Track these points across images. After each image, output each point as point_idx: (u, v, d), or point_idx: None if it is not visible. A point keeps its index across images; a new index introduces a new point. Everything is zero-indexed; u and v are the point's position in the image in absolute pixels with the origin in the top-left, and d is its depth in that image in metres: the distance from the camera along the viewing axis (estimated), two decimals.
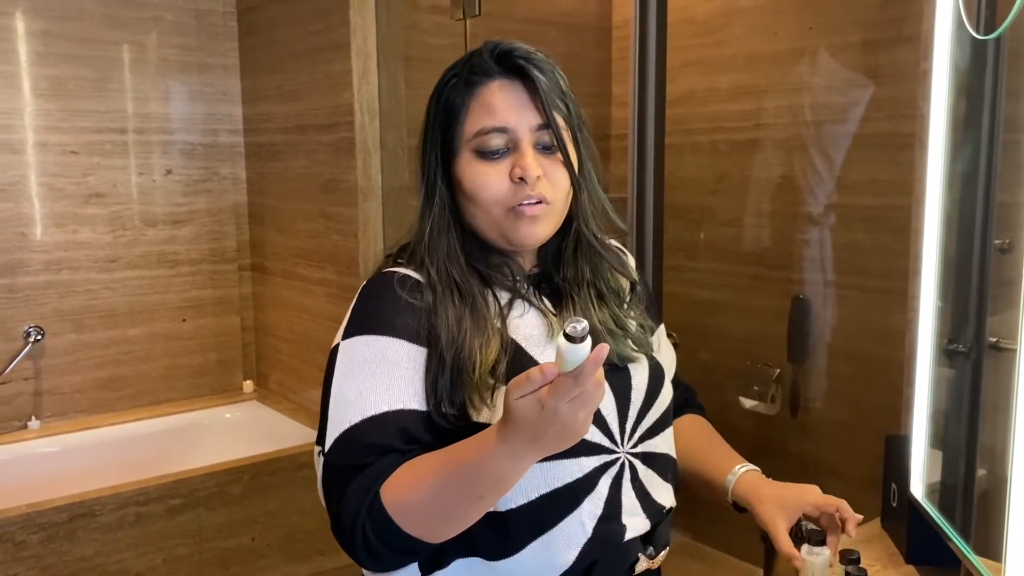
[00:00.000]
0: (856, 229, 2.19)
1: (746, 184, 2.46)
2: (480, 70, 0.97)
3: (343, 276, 2.44)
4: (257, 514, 2.24)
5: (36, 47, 2.49)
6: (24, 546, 1.91)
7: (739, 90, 2.43)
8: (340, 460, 0.89)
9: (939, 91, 1.06)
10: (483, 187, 0.95)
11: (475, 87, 0.96)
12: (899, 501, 1.21)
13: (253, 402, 2.86)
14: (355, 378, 0.92)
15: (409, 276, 0.98)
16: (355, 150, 2.30)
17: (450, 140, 0.97)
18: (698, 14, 2.50)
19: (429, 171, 0.99)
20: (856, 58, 2.16)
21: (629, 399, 1.00)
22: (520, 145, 0.95)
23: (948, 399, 1.29)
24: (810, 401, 2.33)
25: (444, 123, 0.98)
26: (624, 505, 0.98)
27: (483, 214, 0.97)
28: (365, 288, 1.00)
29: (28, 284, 2.53)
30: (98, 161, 2.61)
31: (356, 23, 2.26)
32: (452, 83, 0.98)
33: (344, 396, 0.92)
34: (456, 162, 0.97)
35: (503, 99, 0.95)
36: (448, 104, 0.98)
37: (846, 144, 2.21)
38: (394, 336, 0.93)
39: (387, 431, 0.89)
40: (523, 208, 0.95)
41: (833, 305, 2.27)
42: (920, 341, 1.18)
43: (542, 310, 1.00)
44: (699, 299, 2.58)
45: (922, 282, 1.15)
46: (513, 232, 0.97)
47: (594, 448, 0.96)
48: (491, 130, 0.95)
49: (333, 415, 0.92)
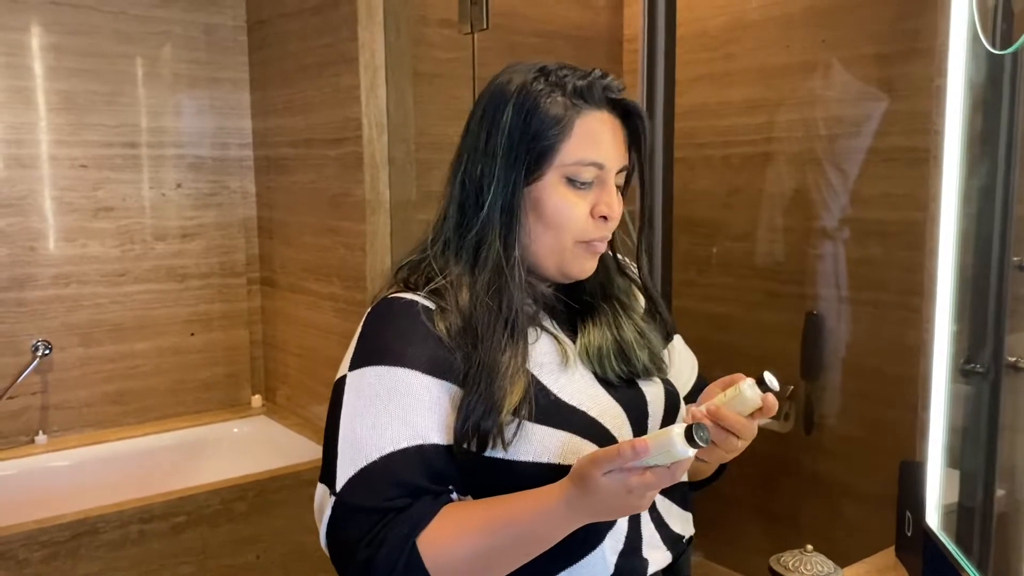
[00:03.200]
0: (871, 244, 2.16)
1: (758, 198, 2.43)
2: (590, 96, 0.93)
3: (350, 291, 2.43)
4: (262, 532, 2.21)
5: (47, 61, 2.50)
6: (26, 564, 1.90)
7: (751, 103, 2.41)
8: (358, 501, 0.85)
9: (954, 106, 1.03)
10: (568, 217, 0.92)
11: (582, 112, 0.92)
12: (914, 530, 1.17)
13: (261, 417, 2.84)
14: (368, 412, 0.87)
15: (423, 303, 0.92)
16: (363, 164, 2.28)
17: (539, 157, 0.92)
18: (710, 27, 2.48)
19: (504, 186, 0.92)
20: (870, 71, 2.13)
21: (645, 427, 0.97)
22: (607, 184, 0.94)
23: (965, 420, 1.26)
24: (824, 419, 2.29)
25: (535, 138, 0.91)
26: (644, 538, 0.95)
27: (553, 242, 0.93)
28: (374, 314, 0.94)
29: (36, 298, 2.52)
30: (107, 175, 2.61)
31: (364, 37, 2.25)
32: (547, 97, 0.92)
33: (356, 432, 0.87)
34: (538, 182, 0.92)
35: (608, 134, 0.93)
36: (543, 118, 0.91)
37: (860, 158, 2.18)
38: (408, 367, 0.88)
39: (412, 468, 0.85)
40: (595, 244, 0.94)
41: (847, 321, 2.24)
42: (935, 364, 1.14)
43: (555, 336, 0.97)
44: (711, 314, 2.55)
45: (937, 302, 1.12)
46: (573, 265, 0.95)
47: None
48: (592, 163, 0.92)
49: (344, 452, 0.87)
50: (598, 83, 0.93)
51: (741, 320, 2.48)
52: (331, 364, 2.59)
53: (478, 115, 0.95)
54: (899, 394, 1.95)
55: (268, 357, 2.92)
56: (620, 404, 0.95)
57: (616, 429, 0.93)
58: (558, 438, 0.89)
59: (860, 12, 2.13)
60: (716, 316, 2.54)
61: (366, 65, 2.26)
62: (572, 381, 0.94)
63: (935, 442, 1.15)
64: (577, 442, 0.90)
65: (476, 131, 0.95)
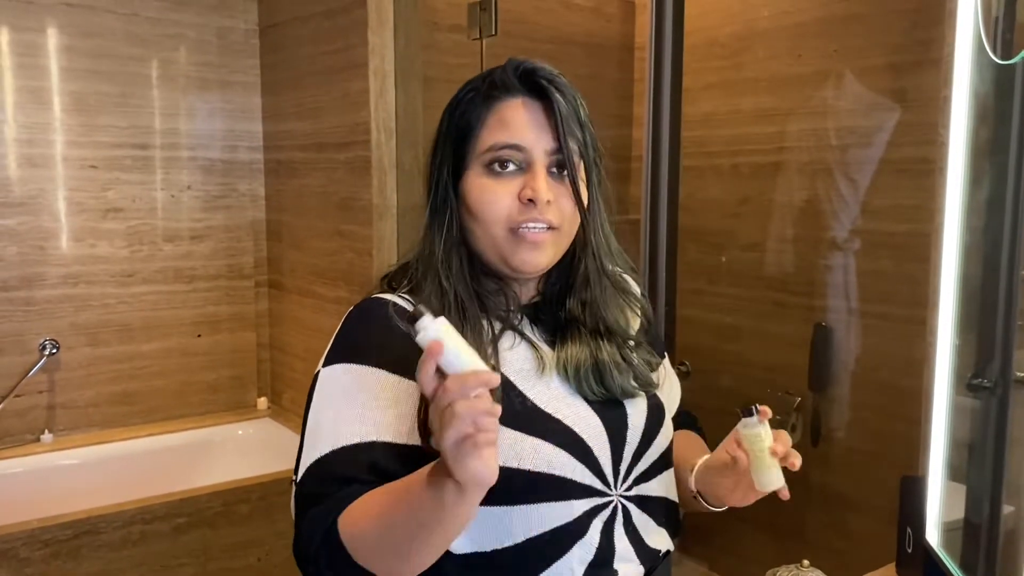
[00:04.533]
0: (881, 256, 2.14)
1: (768, 208, 2.41)
2: (501, 85, 0.94)
3: (356, 295, 2.40)
4: (264, 534, 2.21)
5: (60, 62, 2.52)
6: (28, 563, 1.90)
7: (762, 113, 2.40)
8: (307, 490, 0.87)
9: (959, 117, 1.02)
10: (488, 203, 0.92)
11: (494, 102, 0.94)
12: (914, 547, 1.15)
13: (267, 419, 2.84)
14: (330, 408, 0.90)
15: (398, 302, 0.95)
16: (371, 169, 2.29)
17: (462, 154, 0.94)
18: (720, 36, 2.47)
19: (438, 186, 0.96)
20: (882, 81, 2.11)
21: (624, 439, 0.96)
22: (533, 166, 0.92)
23: (972, 435, 1.24)
24: (832, 431, 2.27)
25: (458, 136, 0.95)
26: (617, 550, 0.94)
27: (484, 233, 0.93)
28: (351, 314, 0.97)
29: (45, 297, 2.53)
30: (117, 176, 2.62)
31: (374, 43, 2.26)
32: (469, 96, 0.96)
33: (319, 425, 0.90)
34: (465, 177, 0.94)
35: (522, 117, 0.93)
36: (464, 117, 0.95)
37: (872, 169, 2.16)
38: (375, 366, 0.90)
39: (355, 463, 0.86)
40: (526, 232, 0.92)
41: (856, 333, 2.22)
42: (937, 377, 1.13)
43: (533, 343, 0.96)
44: (719, 324, 2.53)
45: (940, 314, 1.10)
46: (512, 256, 0.93)
47: (585, 490, 0.91)
48: (505, 146, 0.92)
49: (307, 444, 0.90)
50: (510, 70, 0.94)
51: (749, 330, 2.47)
52: None
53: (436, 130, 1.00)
54: (907, 407, 1.92)
55: (275, 360, 2.92)
56: (599, 416, 0.94)
57: (593, 439, 0.92)
58: (530, 443, 0.88)
59: (872, 22, 2.11)
60: (724, 326, 2.52)
61: (376, 70, 2.27)
62: (548, 389, 0.93)
63: (936, 457, 1.14)
64: (549, 449, 0.89)
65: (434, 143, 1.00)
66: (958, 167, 1.06)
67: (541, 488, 0.89)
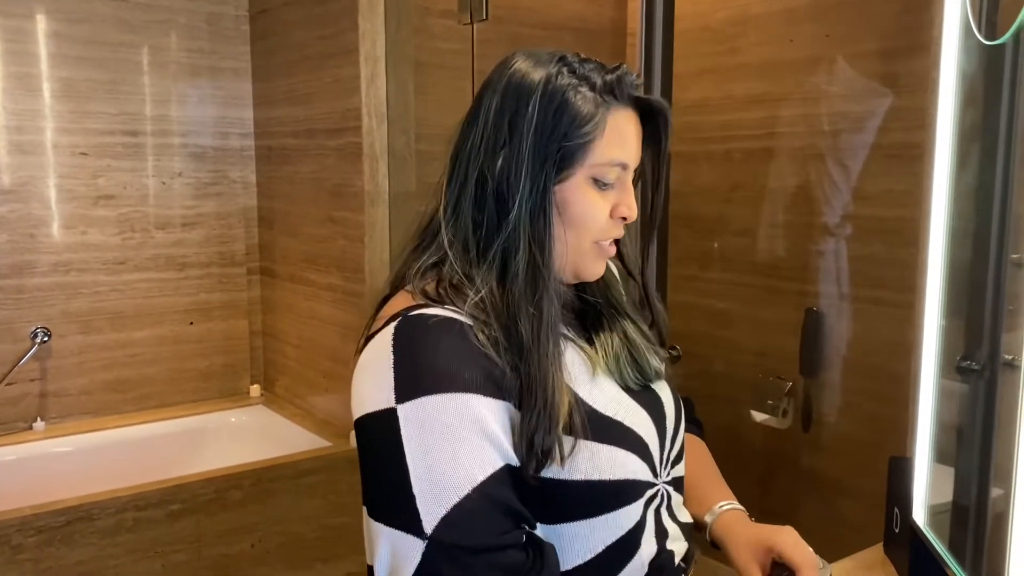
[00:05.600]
0: (872, 241, 2.15)
1: (761, 194, 2.42)
2: (620, 93, 0.89)
3: (349, 282, 2.42)
4: (258, 520, 2.21)
5: (48, 49, 2.50)
6: (21, 549, 1.90)
7: (754, 98, 2.40)
8: (463, 541, 0.78)
9: (946, 99, 1.02)
10: (593, 218, 0.89)
11: (611, 109, 0.88)
12: (901, 527, 1.16)
13: (260, 407, 2.84)
14: (443, 446, 0.79)
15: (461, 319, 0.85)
16: (362, 155, 2.28)
17: (568, 155, 0.87)
18: (712, 21, 2.47)
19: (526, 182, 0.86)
20: (874, 66, 2.11)
21: (665, 428, 0.96)
22: (627, 184, 0.91)
23: (961, 418, 1.25)
24: (823, 416, 2.28)
25: (566, 135, 0.86)
26: (669, 533, 0.96)
27: (573, 243, 0.90)
28: (408, 336, 0.84)
29: (36, 285, 2.53)
30: (108, 163, 2.61)
31: (365, 28, 2.25)
32: (576, 88, 0.87)
33: (433, 468, 0.79)
34: (566, 182, 0.88)
35: (634, 135, 0.90)
36: (575, 115, 0.86)
37: (864, 154, 2.16)
38: (470, 391, 0.81)
39: (508, 490, 0.81)
40: (606, 246, 0.92)
41: (848, 318, 2.23)
42: (924, 361, 1.13)
43: (578, 345, 0.94)
44: (711, 310, 2.54)
45: (926, 299, 1.11)
46: (589, 267, 0.93)
47: (645, 486, 0.92)
48: (619, 164, 0.89)
49: (425, 491, 0.79)
50: (626, 79, 0.89)
51: (741, 316, 2.47)
52: (330, 355, 2.60)
53: (493, 106, 0.88)
54: (898, 392, 1.93)
55: (267, 347, 2.92)
56: (644, 408, 0.94)
57: (647, 435, 0.93)
58: (605, 453, 0.87)
59: (864, 7, 2.11)
60: (717, 312, 2.53)
61: (366, 55, 2.26)
62: (602, 391, 0.91)
63: (923, 437, 1.14)
64: (622, 455, 0.88)
65: (494, 125, 0.88)
66: (945, 149, 1.06)
67: (620, 495, 0.88)
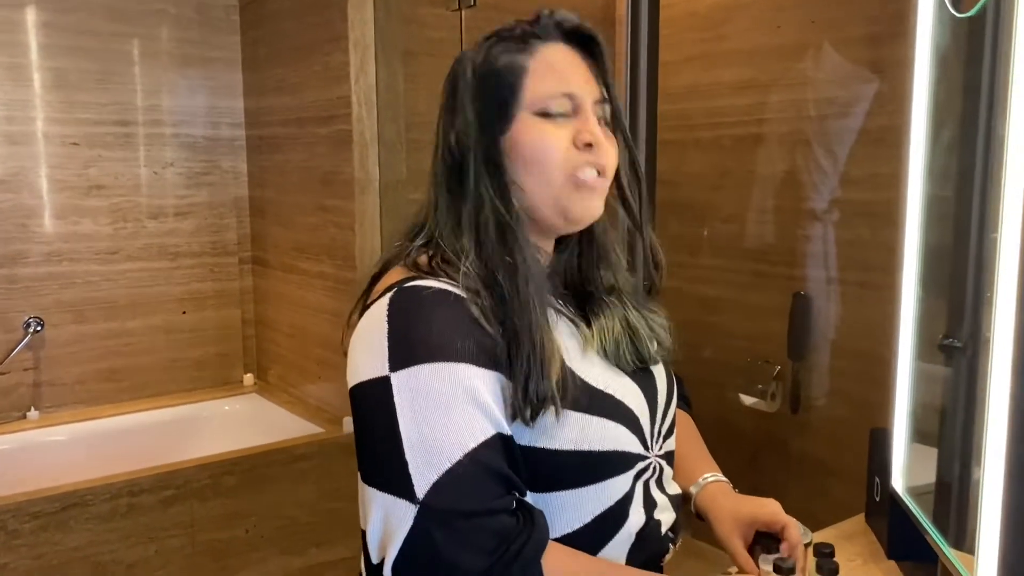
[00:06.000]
0: (858, 225, 2.17)
1: (749, 180, 2.43)
2: (542, 32, 0.90)
3: (340, 270, 2.44)
4: (252, 506, 2.23)
5: (39, 39, 2.50)
6: (17, 535, 1.92)
7: (742, 84, 2.41)
8: (453, 505, 0.80)
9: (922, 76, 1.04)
10: (548, 147, 0.88)
11: (536, 47, 0.90)
12: (882, 496, 1.18)
13: (253, 395, 2.86)
14: (435, 413, 0.81)
15: (454, 290, 0.86)
16: (352, 143, 2.29)
17: (506, 106, 0.88)
18: (700, 8, 2.48)
19: (474, 142, 0.89)
20: (860, 52, 2.13)
21: (656, 403, 0.98)
22: (584, 111, 0.89)
23: (944, 396, 1.27)
24: (811, 399, 2.30)
25: (495, 88, 0.89)
26: (658, 504, 0.98)
27: (542, 184, 0.89)
28: (402, 307, 0.85)
29: (28, 275, 2.53)
30: (100, 153, 2.62)
31: (354, 16, 2.26)
32: (498, 47, 0.90)
33: (425, 435, 0.81)
34: (512, 127, 0.89)
35: (569, 65, 0.90)
36: (499, 66, 0.89)
37: (850, 139, 2.18)
38: (463, 361, 0.82)
39: (499, 457, 0.83)
40: (585, 178, 0.89)
41: (835, 302, 2.25)
42: (902, 335, 1.16)
43: (572, 320, 0.95)
44: (701, 296, 2.56)
45: (904, 275, 1.13)
46: (574, 205, 0.90)
47: (637, 459, 0.94)
48: (558, 94, 0.88)
49: (417, 457, 0.80)
50: (546, 19, 0.91)
51: (731, 301, 2.49)
52: (322, 343, 2.62)
53: (446, 94, 0.93)
54: (885, 373, 1.95)
55: (260, 336, 2.93)
56: (635, 383, 0.96)
57: (638, 409, 0.94)
58: (596, 424, 0.88)
59: None
60: (706, 298, 2.55)
61: (356, 43, 2.27)
62: (593, 365, 0.93)
63: (900, 411, 1.17)
64: (612, 427, 0.90)
65: (446, 108, 0.93)
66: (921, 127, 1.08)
67: (609, 465, 0.90)
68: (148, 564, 2.08)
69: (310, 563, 2.33)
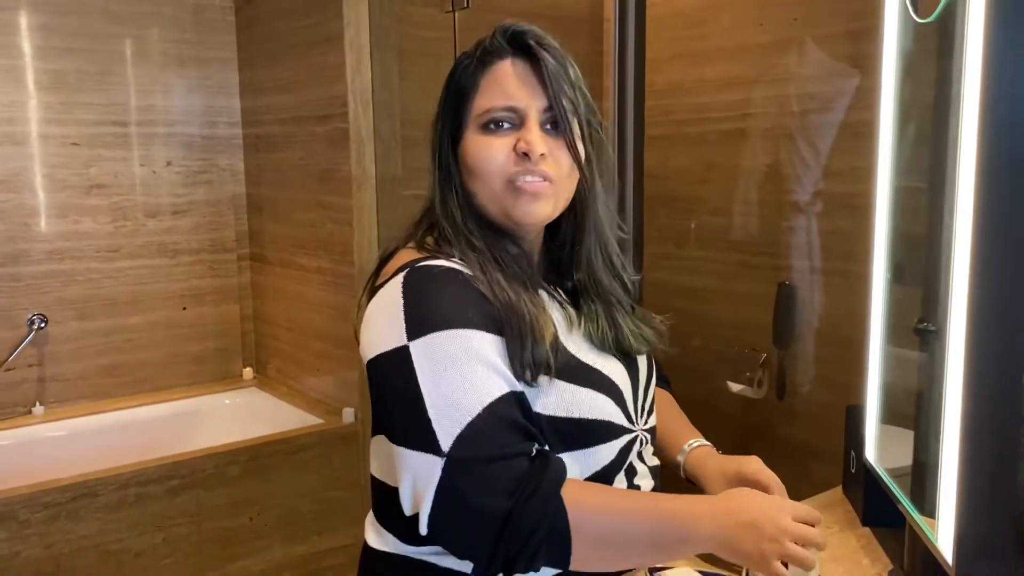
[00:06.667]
0: (841, 216, 2.23)
1: (734, 173, 2.49)
2: (493, 50, 1.00)
3: (338, 264, 2.50)
4: (256, 495, 2.29)
5: (37, 41, 2.55)
6: (28, 524, 1.97)
7: (727, 81, 2.47)
8: (475, 453, 0.87)
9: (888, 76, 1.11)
10: (484, 159, 0.98)
11: (487, 66, 1.00)
12: (857, 468, 1.26)
13: (253, 389, 2.91)
14: (453, 374, 0.89)
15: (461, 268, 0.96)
16: (349, 140, 2.35)
17: (460, 118, 1.00)
18: (685, 6, 2.54)
19: (441, 151, 1.02)
20: (841, 48, 2.19)
21: (639, 381, 1.07)
22: (527, 122, 0.98)
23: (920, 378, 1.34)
24: (796, 385, 2.37)
25: (456, 102, 1.01)
26: (638, 472, 1.06)
27: (484, 188, 0.99)
28: (415, 283, 0.95)
29: (31, 273, 2.58)
30: (99, 153, 2.67)
31: (350, 16, 2.31)
32: (464, 64, 1.02)
33: (446, 394, 0.88)
34: (463, 139, 1.00)
35: (513, 78, 0.98)
36: (460, 84, 1.01)
37: (832, 133, 2.24)
38: (474, 328, 0.92)
39: (516, 411, 0.90)
40: (524, 184, 0.98)
41: (819, 291, 2.31)
42: (872, 319, 1.23)
43: (560, 301, 1.05)
44: (689, 286, 2.62)
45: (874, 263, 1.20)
46: (513, 208, 0.99)
47: (622, 430, 1.02)
48: (498, 107, 0.98)
49: (440, 415, 0.88)
50: (499, 36, 1.00)
51: (717, 291, 2.55)
52: (321, 336, 2.68)
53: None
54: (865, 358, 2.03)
55: (259, 331, 2.99)
56: (619, 361, 1.05)
57: (623, 385, 1.03)
58: (584, 394, 0.97)
59: None
60: (694, 288, 2.61)
61: (351, 43, 2.32)
62: (580, 343, 1.02)
63: (872, 388, 1.24)
64: (600, 399, 0.98)
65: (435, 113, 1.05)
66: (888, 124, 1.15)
67: (595, 433, 0.98)
68: (156, 552, 2.14)
69: (312, 550, 2.40)
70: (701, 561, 1.14)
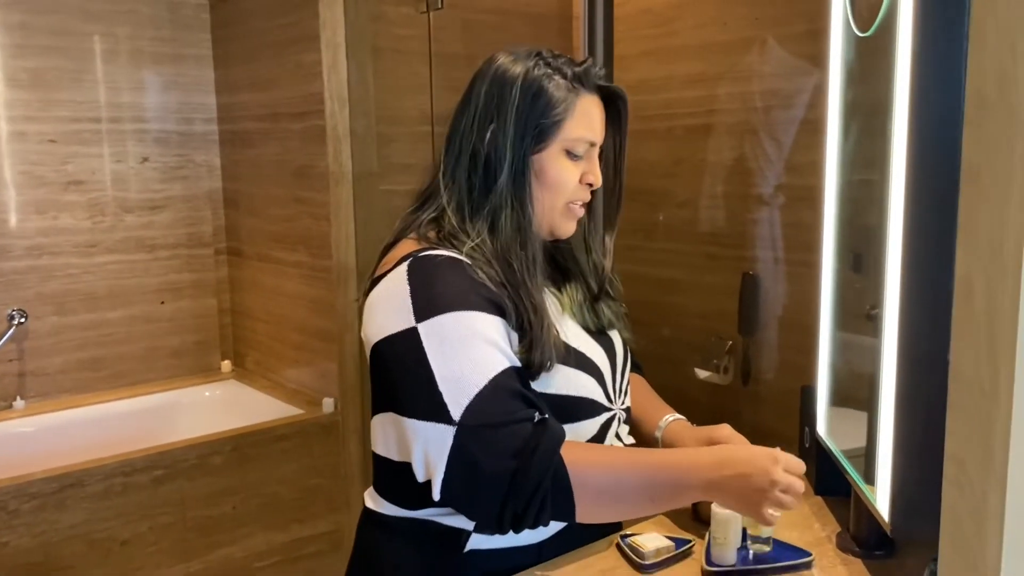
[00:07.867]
0: (801, 208, 2.31)
1: (701, 167, 2.57)
2: (587, 81, 1.11)
3: (316, 258, 2.55)
4: (237, 484, 2.35)
5: (14, 39, 2.57)
6: (16, 514, 2.02)
7: (693, 78, 2.54)
8: (484, 420, 0.97)
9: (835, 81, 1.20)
10: (566, 181, 1.11)
11: (579, 95, 1.11)
12: (810, 442, 1.35)
13: (232, 381, 2.96)
14: (461, 351, 0.99)
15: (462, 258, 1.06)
16: (326, 137, 2.40)
17: (544, 132, 1.09)
18: (653, 5, 2.61)
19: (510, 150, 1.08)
20: (801, 47, 2.27)
21: (616, 362, 1.18)
22: (594, 157, 1.13)
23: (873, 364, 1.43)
24: (761, 372, 2.45)
25: (540, 113, 1.09)
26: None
27: (549, 203, 1.11)
28: (419, 271, 1.04)
29: (11, 269, 2.61)
30: (76, 149, 2.69)
31: (325, 16, 2.36)
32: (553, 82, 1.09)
33: (454, 370, 0.98)
34: (543, 152, 1.10)
35: (599, 117, 1.13)
36: (549, 99, 1.09)
37: (794, 129, 2.32)
38: (477, 310, 1.02)
39: (518, 383, 1.00)
40: (575, 208, 1.13)
41: (782, 281, 2.39)
42: (823, 305, 1.32)
43: (551, 291, 1.16)
44: (658, 277, 2.70)
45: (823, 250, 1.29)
46: (561, 225, 1.14)
47: (602, 408, 1.13)
48: (586, 140, 1.12)
49: (450, 389, 0.98)
50: (591, 71, 1.12)
51: (685, 282, 2.63)
52: (299, 328, 2.73)
53: (482, 94, 1.11)
54: None
55: (237, 324, 3.03)
56: (601, 346, 1.16)
57: (602, 365, 1.14)
58: (571, 374, 1.08)
59: None
60: (662, 279, 2.69)
61: (327, 42, 2.37)
62: (568, 327, 1.13)
63: (823, 368, 1.33)
64: (584, 377, 1.10)
65: (484, 108, 1.10)
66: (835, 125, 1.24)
67: (581, 410, 1.10)
68: (142, 540, 2.19)
69: (293, 537, 2.46)
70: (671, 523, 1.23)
